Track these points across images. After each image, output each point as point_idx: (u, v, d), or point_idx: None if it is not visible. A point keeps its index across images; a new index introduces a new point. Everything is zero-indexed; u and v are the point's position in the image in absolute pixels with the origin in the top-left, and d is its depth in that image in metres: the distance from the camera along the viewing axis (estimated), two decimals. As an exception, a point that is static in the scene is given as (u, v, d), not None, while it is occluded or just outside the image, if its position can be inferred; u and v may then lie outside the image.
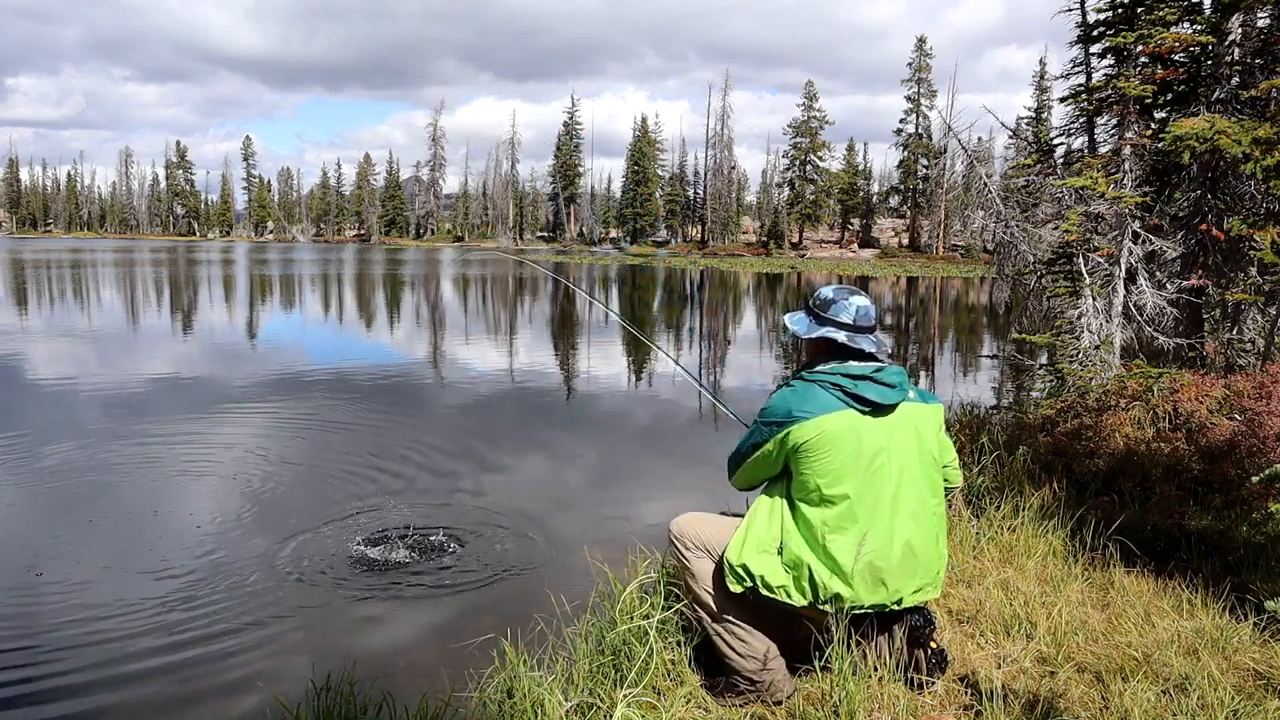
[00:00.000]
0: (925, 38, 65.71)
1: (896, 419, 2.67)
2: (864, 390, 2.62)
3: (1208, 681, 2.65)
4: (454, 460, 6.99)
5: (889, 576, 2.61)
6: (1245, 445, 4.50)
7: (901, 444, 2.66)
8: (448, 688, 3.06)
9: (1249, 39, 6.94)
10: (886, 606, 2.65)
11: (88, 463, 6.65)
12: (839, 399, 2.61)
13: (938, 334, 17.83)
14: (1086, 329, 7.30)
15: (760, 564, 2.63)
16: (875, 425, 2.63)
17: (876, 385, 2.64)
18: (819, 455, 2.59)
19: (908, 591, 2.66)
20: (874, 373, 2.66)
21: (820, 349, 2.78)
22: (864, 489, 2.59)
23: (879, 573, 2.60)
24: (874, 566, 2.59)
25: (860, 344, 2.71)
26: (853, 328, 2.73)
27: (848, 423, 2.60)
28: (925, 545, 2.67)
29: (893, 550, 2.60)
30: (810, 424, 2.59)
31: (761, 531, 2.67)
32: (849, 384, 2.63)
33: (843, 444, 2.59)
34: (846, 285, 2.86)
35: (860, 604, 2.61)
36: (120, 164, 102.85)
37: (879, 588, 2.61)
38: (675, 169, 79.30)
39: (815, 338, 2.76)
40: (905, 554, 2.62)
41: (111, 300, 22.94)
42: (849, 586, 2.58)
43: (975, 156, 31.43)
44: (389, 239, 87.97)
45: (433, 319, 20.33)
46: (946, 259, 59.32)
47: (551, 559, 4.92)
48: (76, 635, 3.92)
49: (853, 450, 2.59)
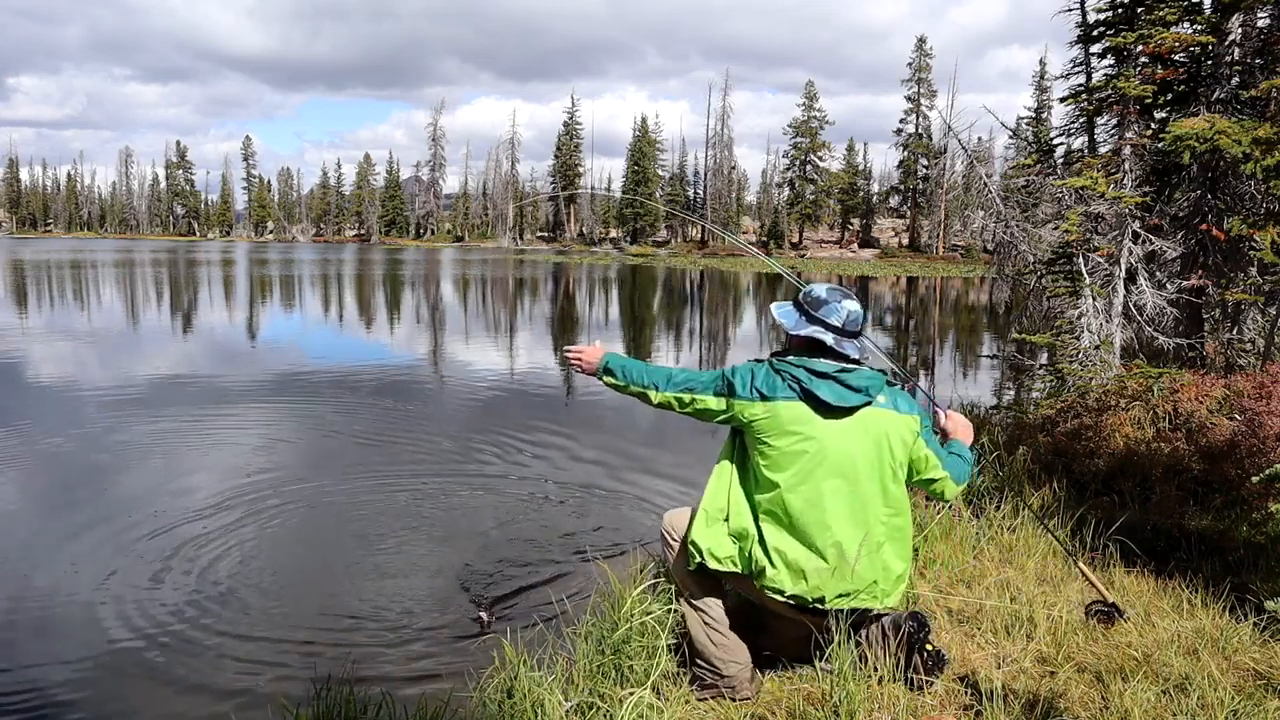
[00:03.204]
0: (925, 38, 65.78)
1: (853, 423, 2.66)
2: (818, 388, 2.62)
3: (1208, 681, 2.65)
4: (454, 460, 6.99)
5: (810, 573, 2.62)
6: (1245, 445, 4.50)
7: (851, 448, 2.64)
8: (448, 688, 3.06)
9: (1249, 39, 6.93)
10: (808, 602, 2.65)
11: (89, 459, 6.66)
12: (794, 391, 2.64)
13: (938, 334, 17.83)
14: (1086, 329, 7.30)
15: (708, 537, 2.69)
16: (824, 425, 2.64)
17: (837, 386, 2.64)
18: (764, 436, 2.65)
19: (831, 594, 2.64)
20: (838, 372, 2.65)
21: (802, 345, 2.77)
22: (797, 482, 2.62)
23: (799, 565, 2.62)
24: (796, 558, 2.61)
25: (845, 349, 2.71)
26: (841, 331, 2.72)
27: (795, 415, 2.63)
28: (862, 552, 2.64)
29: (820, 549, 2.61)
30: (760, 405, 2.65)
31: (710, 502, 2.73)
32: (805, 378, 2.64)
33: (786, 434, 2.63)
34: (840, 288, 2.86)
35: (781, 589, 2.63)
36: (120, 164, 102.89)
37: (799, 580, 2.63)
38: (675, 169, 79.26)
39: (802, 335, 2.75)
40: (835, 556, 2.62)
41: (112, 301, 22.94)
42: (773, 567, 2.63)
43: (975, 156, 31.46)
44: (389, 239, 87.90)
45: (433, 319, 20.33)
46: (946, 259, 59.29)
47: (552, 559, 4.91)
48: (75, 635, 3.93)
49: (794, 443, 2.62)
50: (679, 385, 2.81)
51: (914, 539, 3.97)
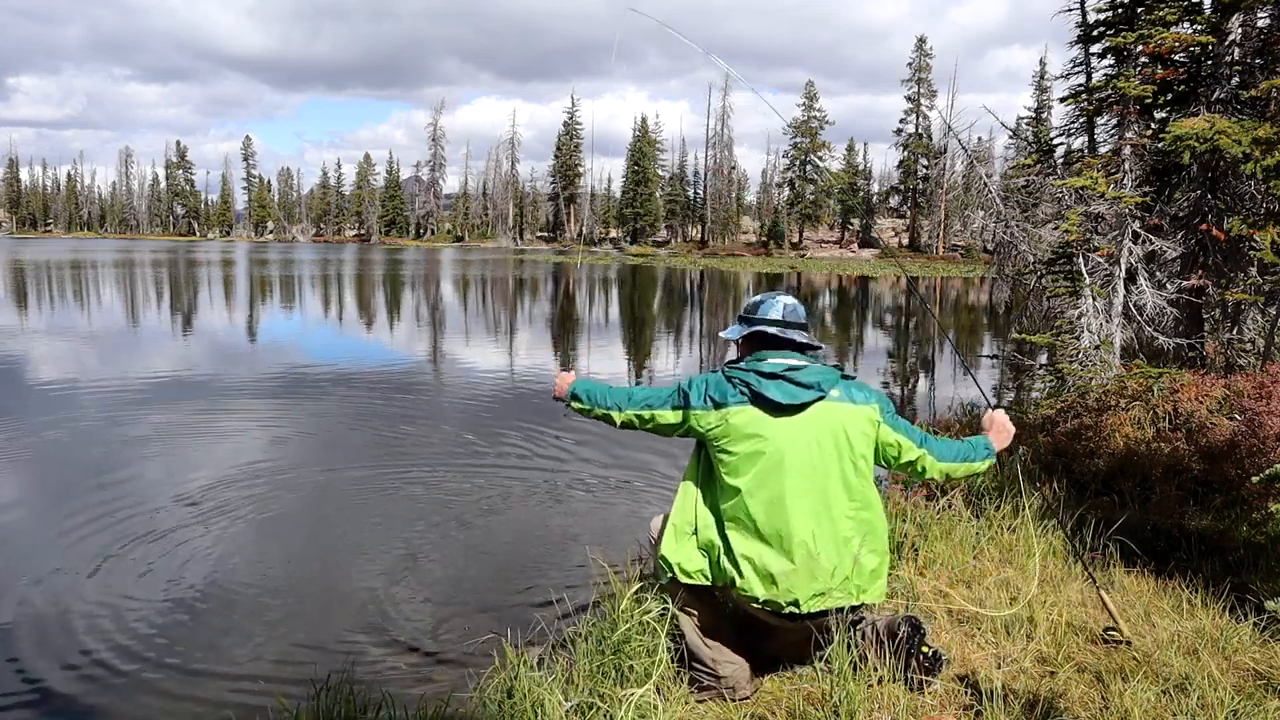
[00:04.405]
0: (925, 38, 65.71)
1: (806, 419, 2.68)
2: (766, 389, 2.66)
3: (1208, 681, 2.65)
4: (454, 460, 6.99)
5: (779, 576, 2.62)
6: (1245, 445, 4.50)
7: (808, 443, 2.67)
8: (448, 688, 3.06)
9: (1249, 39, 6.93)
10: (782, 606, 2.65)
11: (88, 459, 6.66)
12: (744, 395, 2.69)
13: (938, 334, 17.83)
14: (1086, 329, 7.30)
15: (677, 551, 2.72)
16: (778, 424, 2.67)
17: (787, 385, 2.67)
18: (722, 444, 2.68)
19: (804, 595, 2.64)
20: (787, 371, 2.70)
21: (751, 344, 2.86)
22: (757, 485, 2.64)
23: (767, 569, 2.62)
24: (764, 563, 2.62)
25: (791, 335, 2.80)
26: (782, 323, 2.81)
27: (748, 419, 2.67)
28: (829, 549, 2.65)
29: (786, 550, 2.62)
30: (714, 414, 2.70)
31: (678, 517, 2.77)
32: (754, 381, 2.68)
33: (742, 439, 2.66)
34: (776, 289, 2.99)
35: (754, 596, 2.64)
36: (120, 164, 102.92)
37: (770, 585, 2.63)
38: (675, 169, 79.20)
39: (747, 334, 2.86)
40: (804, 556, 2.62)
41: (113, 302, 22.94)
42: (741, 576, 2.64)
43: (975, 156, 31.48)
44: (389, 239, 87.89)
45: (433, 319, 20.33)
46: (946, 259, 59.27)
47: (552, 558, 4.92)
48: (74, 635, 3.92)
49: (750, 447, 2.65)
50: (638, 403, 2.89)
51: (913, 538, 3.99)
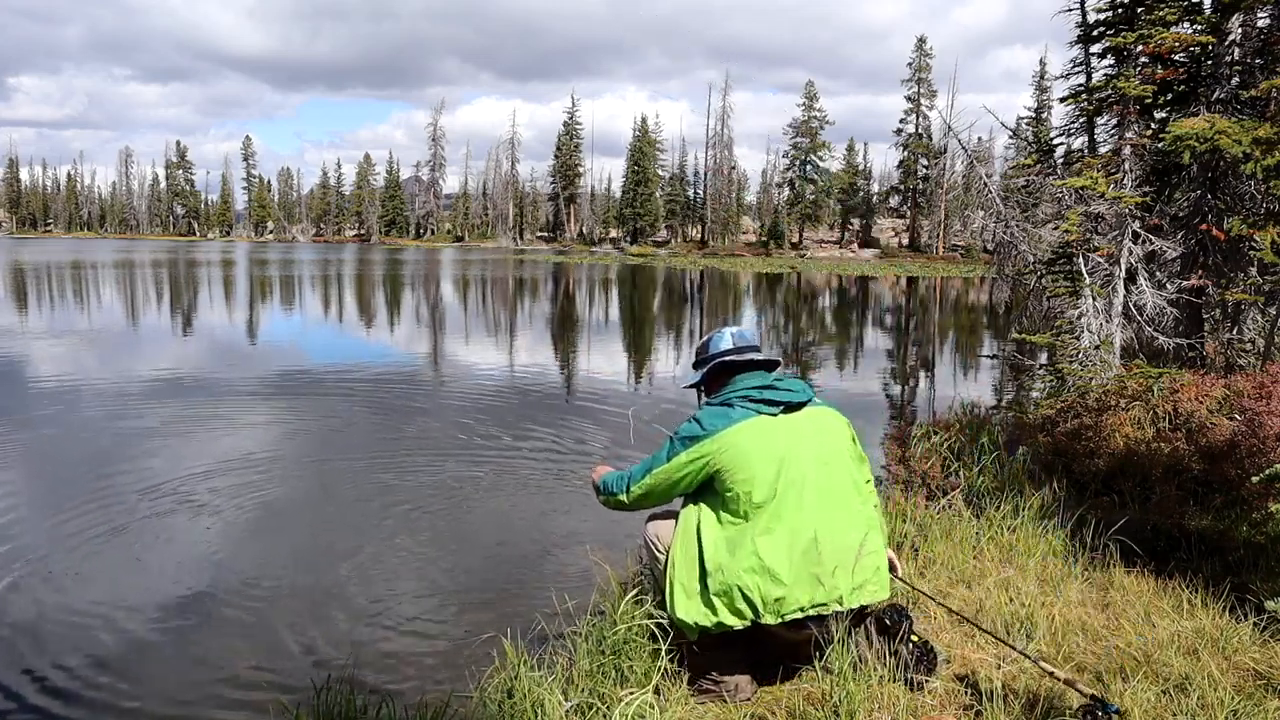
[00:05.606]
0: (925, 38, 65.70)
1: (805, 418, 2.80)
2: (765, 394, 2.77)
3: (1208, 681, 2.65)
4: (453, 459, 6.99)
5: (824, 574, 2.63)
6: (1245, 445, 4.50)
7: (814, 439, 2.77)
8: (448, 688, 3.06)
9: (1249, 39, 6.94)
10: (829, 606, 2.66)
11: (88, 458, 6.65)
12: (748, 408, 2.75)
13: (938, 334, 17.83)
14: (1086, 329, 7.30)
15: (693, 611, 2.68)
16: (787, 424, 2.75)
17: (779, 390, 2.80)
18: (738, 465, 2.68)
19: (846, 589, 2.67)
20: (774, 382, 2.84)
21: (718, 377, 2.99)
22: (786, 488, 2.67)
23: (813, 568, 2.63)
24: (807, 563, 2.63)
25: (750, 356, 2.96)
26: (735, 350, 2.98)
27: (760, 428, 2.73)
28: (855, 541, 2.71)
29: (823, 545, 2.65)
30: (725, 437, 2.71)
31: (683, 576, 2.72)
32: (755, 392, 2.78)
33: (759, 449, 2.69)
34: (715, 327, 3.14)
35: (801, 605, 2.63)
36: (120, 164, 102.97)
37: (816, 586, 2.63)
38: (675, 169, 79.18)
39: (709, 369, 3.00)
40: (840, 549, 2.67)
41: (113, 302, 22.94)
42: (784, 587, 2.61)
43: (975, 156, 31.46)
44: (389, 239, 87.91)
45: (433, 319, 20.33)
46: (946, 259, 59.27)
47: (552, 559, 4.91)
48: (73, 634, 3.92)
49: (768, 453, 2.68)
50: (643, 471, 2.92)
51: (914, 538, 4.00)
